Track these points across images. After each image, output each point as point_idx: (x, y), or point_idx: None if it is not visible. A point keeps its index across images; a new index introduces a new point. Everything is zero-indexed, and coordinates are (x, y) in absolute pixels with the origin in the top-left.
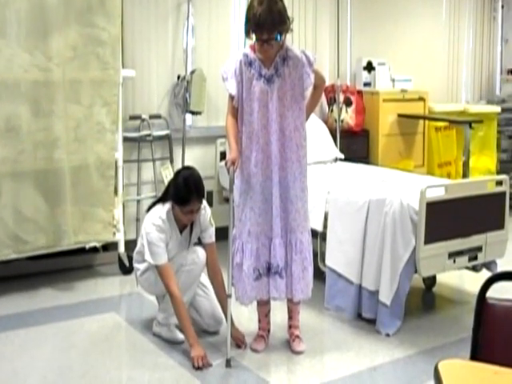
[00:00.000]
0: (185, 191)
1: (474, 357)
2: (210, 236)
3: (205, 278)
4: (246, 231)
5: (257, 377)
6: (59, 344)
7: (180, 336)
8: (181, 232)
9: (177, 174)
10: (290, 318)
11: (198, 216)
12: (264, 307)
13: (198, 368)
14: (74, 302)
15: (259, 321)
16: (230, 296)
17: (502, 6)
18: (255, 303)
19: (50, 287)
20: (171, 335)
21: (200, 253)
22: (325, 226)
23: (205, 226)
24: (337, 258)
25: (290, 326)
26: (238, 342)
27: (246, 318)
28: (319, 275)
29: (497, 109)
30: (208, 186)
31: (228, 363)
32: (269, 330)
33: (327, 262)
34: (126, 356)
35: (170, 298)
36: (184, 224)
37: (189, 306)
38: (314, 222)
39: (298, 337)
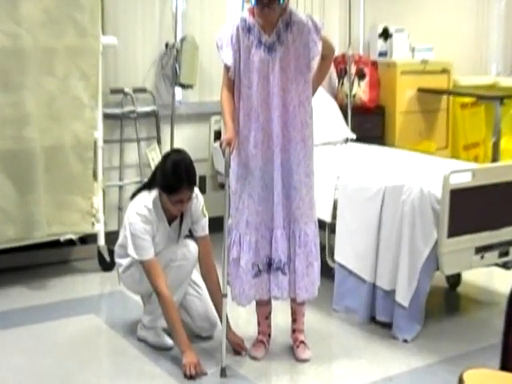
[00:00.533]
0: (174, 179)
1: (505, 366)
2: (203, 228)
3: (197, 276)
4: (244, 221)
5: None
6: (32, 349)
7: (169, 341)
8: (169, 223)
9: (165, 157)
10: (294, 320)
11: (189, 206)
12: (264, 308)
13: (191, 377)
14: (47, 302)
15: (258, 324)
16: (225, 295)
17: None
18: (254, 304)
19: (20, 285)
20: (159, 340)
21: (191, 247)
22: (334, 216)
23: (197, 216)
24: (347, 253)
25: (293, 330)
26: (237, 347)
27: (243, 320)
28: (327, 272)
29: None
30: (200, 170)
31: (223, 372)
32: (269, 335)
33: (336, 256)
34: (107, 363)
35: (158, 297)
36: (173, 214)
37: (179, 307)
38: (321, 211)
39: (302, 342)
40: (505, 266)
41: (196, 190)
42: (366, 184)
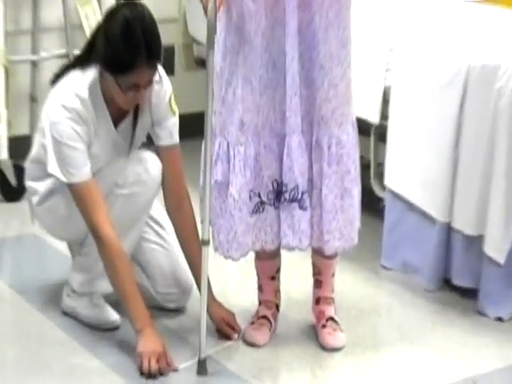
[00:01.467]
0: (125, 48)
1: None
2: (171, 133)
3: (160, 212)
4: (236, 123)
5: None
6: None
7: (113, 315)
8: (116, 124)
9: (110, 15)
10: (318, 284)
11: (149, 95)
12: (269, 264)
13: (150, 375)
14: None
15: (260, 289)
16: (206, 243)
17: None
18: (252, 257)
19: None
20: (97, 314)
21: (151, 164)
22: (384, 115)
23: (161, 113)
24: (405, 175)
25: (317, 301)
26: (224, 327)
27: (235, 284)
28: (372, 206)
29: None
30: (166, 37)
31: (202, 367)
32: (277, 307)
33: (387, 181)
34: (14, 352)
35: (98, 243)
36: (122, 109)
37: (132, 263)
38: (363, 106)
39: (331, 320)
40: None
41: (160, 69)
42: (438, 62)
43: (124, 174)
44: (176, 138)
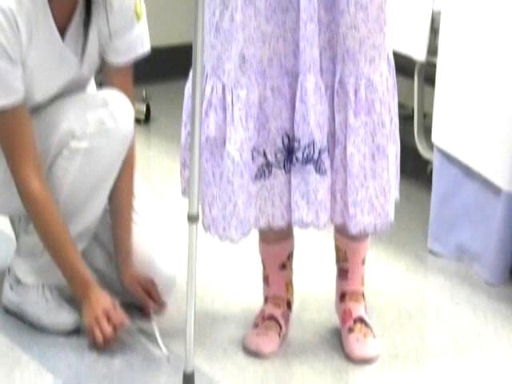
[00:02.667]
0: None
1: None
2: (132, 48)
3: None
4: (235, 57)
5: None
6: None
7: (70, 315)
8: (62, 32)
9: None
10: (343, 275)
11: None
12: (278, 248)
13: (106, 342)
14: None
15: (266, 282)
16: (194, 219)
17: None
18: (255, 239)
19: None
20: (49, 312)
21: (119, 107)
22: (431, 50)
23: (121, 19)
24: (461, 132)
25: (342, 296)
26: (139, 292)
27: (233, 274)
28: (416, 171)
29: None
30: None
31: (188, 383)
32: (289, 305)
33: (436, 138)
34: None
35: (21, 196)
36: (66, 10)
37: (93, 249)
38: (404, 38)
39: (360, 321)
40: None
41: None
42: None
43: (82, 121)
44: (136, 53)
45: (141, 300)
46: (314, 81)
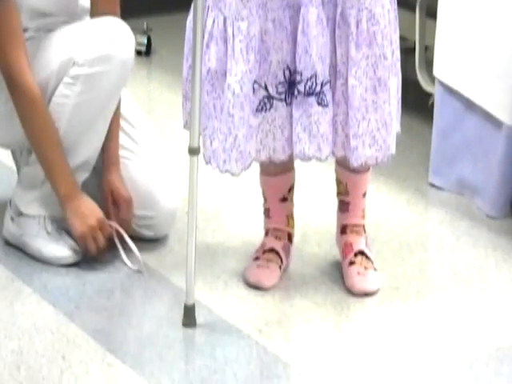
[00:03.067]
0: None
1: None
2: None
3: (129, 105)
4: None
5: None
6: None
7: (72, 248)
8: None
9: None
10: (344, 207)
11: None
12: (279, 181)
13: (99, 250)
14: None
15: (266, 215)
16: (195, 152)
17: None
18: (255, 171)
19: None
20: (50, 243)
21: (120, 33)
22: None
23: None
24: (462, 64)
25: (342, 229)
26: (109, 200)
27: (233, 206)
28: (417, 104)
29: None
30: None
31: (189, 316)
32: (290, 237)
33: (438, 71)
34: None
35: (14, 92)
36: None
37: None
38: None
39: (361, 254)
40: None
41: None
42: None
43: (82, 48)
44: None
45: (106, 208)
46: (316, 12)
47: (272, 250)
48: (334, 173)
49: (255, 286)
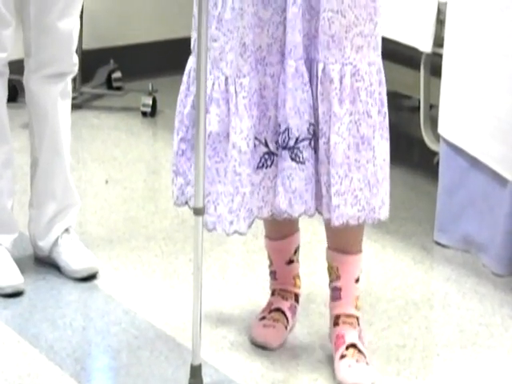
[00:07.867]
0: None
1: None
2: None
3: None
4: (237, 46)
5: None
6: None
7: (16, 277)
8: None
9: None
10: (336, 294)
11: None
12: (284, 244)
13: None
14: None
15: (273, 277)
16: (199, 212)
17: None
18: (260, 230)
19: None
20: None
21: None
22: (438, 41)
23: None
24: (467, 123)
25: (335, 319)
26: None
27: (238, 265)
28: (423, 162)
29: None
30: None
31: (195, 376)
32: (296, 298)
33: (443, 129)
34: None
35: None
36: None
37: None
38: (410, 30)
39: (354, 347)
40: None
41: None
42: None
43: None
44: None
45: None
46: (295, 66)
47: (278, 310)
48: (326, 261)
49: (262, 346)
